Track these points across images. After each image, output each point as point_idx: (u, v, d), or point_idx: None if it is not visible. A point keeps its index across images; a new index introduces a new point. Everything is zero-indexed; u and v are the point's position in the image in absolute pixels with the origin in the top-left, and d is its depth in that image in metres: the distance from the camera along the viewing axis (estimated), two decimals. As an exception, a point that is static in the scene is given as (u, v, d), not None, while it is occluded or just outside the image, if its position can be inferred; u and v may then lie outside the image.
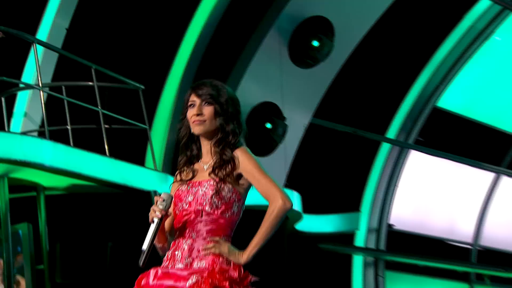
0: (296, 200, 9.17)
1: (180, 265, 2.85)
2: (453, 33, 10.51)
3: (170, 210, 2.92)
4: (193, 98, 2.91)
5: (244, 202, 2.94)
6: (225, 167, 2.87)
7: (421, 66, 10.67)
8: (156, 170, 8.00)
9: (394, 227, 10.89)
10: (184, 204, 2.90)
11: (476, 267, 11.80)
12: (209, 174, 2.92)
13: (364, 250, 10.58)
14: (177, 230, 2.97)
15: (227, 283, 2.74)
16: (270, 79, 9.50)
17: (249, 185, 2.92)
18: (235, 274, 2.79)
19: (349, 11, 9.81)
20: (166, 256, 2.91)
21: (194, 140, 2.97)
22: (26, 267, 7.28)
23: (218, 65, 9.53)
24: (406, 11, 10.24)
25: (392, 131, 10.79)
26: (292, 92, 9.62)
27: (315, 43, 9.21)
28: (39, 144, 6.81)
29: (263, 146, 9.30)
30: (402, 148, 10.89)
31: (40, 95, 7.29)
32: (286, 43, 9.39)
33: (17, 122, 8.46)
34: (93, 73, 7.65)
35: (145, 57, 9.27)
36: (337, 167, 10.62)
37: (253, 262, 7.19)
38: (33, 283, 7.26)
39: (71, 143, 7.37)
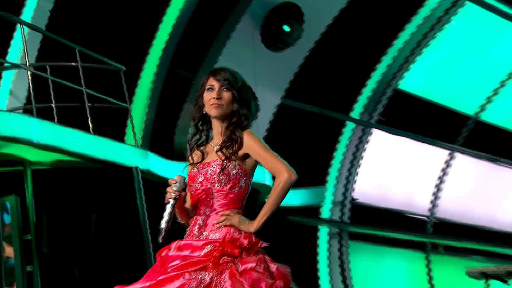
0: (267, 176, 9.19)
1: (198, 238, 2.96)
2: (413, 20, 10.54)
3: (184, 192, 3.05)
4: (212, 82, 2.99)
5: (251, 177, 3.04)
6: (232, 145, 2.96)
7: (383, 51, 10.70)
8: (136, 147, 7.98)
9: (357, 201, 10.96)
10: (196, 185, 3.00)
11: (431, 237, 11.88)
12: (216, 152, 3.02)
13: (329, 222, 10.64)
14: (193, 208, 3.06)
15: (237, 251, 2.85)
16: (244, 62, 9.42)
17: (255, 163, 3.03)
18: (245, 241, 2.89)
19: (318, -2, 9.87)
20: (187, 232, 3.05)
21: (206, 121, 3.07)
22: (14, 237, 7.22)
23: (194, 48, 9.46)
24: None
25: (356, 111, 10.85)
26: (264, 74, 9.56)
27: (286, 28, 9.22)
28: (27, 121, 6.76)
29: None
30: (365, 127, 10.95)
31: (27, 74, 7.20)
32: (258, 27, 9.38)
33: (3, 100, 8.38)
34: (77, 54, 7.59)
35: (125, 39, 9.20)
36: (305, 145, 10.64)
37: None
38: (21, 252, 7.20)
39: (56, 121, 7.31)
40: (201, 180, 3.00)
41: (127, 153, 7.71)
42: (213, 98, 2.98)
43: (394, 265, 11.58)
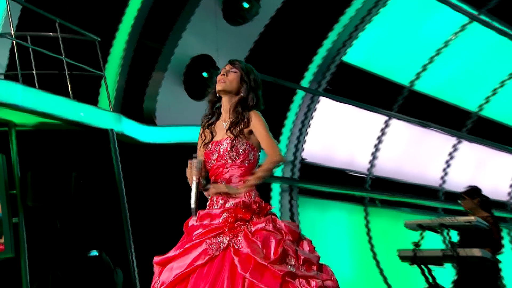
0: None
1: (216, 207, 3.13)
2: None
3: (203, 171, 3.24)
4: (227, 67, 3.25)
5: (259, 151, 3.23)
6: (239, 124, 3.14)
7: (330, 27, 10.72)
8: (111, 111, 7.94)
9: (306, 160, 11.02)
10: (212, 161, 3.19)
11: (369, 192, 11.99)
12: (226, 131, 3.19)
13: (281, 179, 10.67)
14: (212, 181, 3.23)
15: (249, 215, 3.01)
16: (207, 35, 9.45)
17: (268, 138, 3.20)
18: (255, 206, 3.05)
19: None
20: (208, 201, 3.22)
21: (217, 100, 3.27)
22: (0, 192, 7.13)
23: (162, 21, 9.35)
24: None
25: (305, 81, 10.88)
26: (225, 46, 9.60)
27: (245, 5, 9.20)
28: (13, 87, 6.67)
29: (199, 91, 9.28)
30: (313, 95, 10.99)
31: (13, 43, 7.04)
32: (220, 4, 9.37)
33: (-15, 67, 8.26)
34: (57, 26, 7.49)
35: (99, 13, 9.03)
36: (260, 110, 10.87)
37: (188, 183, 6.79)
38: (7, 205, 7.18)
39: (36, 87, 7.22)
40: (215, 157, 3.17)
41: (103, 117, 7.67)
42: (220, 75, 3.21)
43: (337, 216, 11.62)
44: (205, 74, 9.21)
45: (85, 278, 7.56)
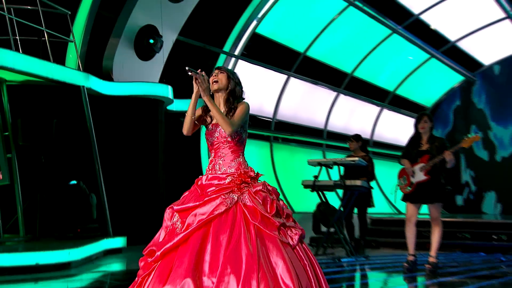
0: (169, 90, 9.29)
1: (219, 172, 3.07)
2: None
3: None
4: (215, 72, 3.22)
5: (246, 130, 3.19)
6: (231, 112, 3.14)
7: (246, 4, 10.77)
8: (82, 71, 7.97)
9: None
10: (213, 138, 3.13)
11: (273, 132, 12.19)
12: None
13: None
14: (213, 152, 3.14)
15: (249, 179, 3.02)
16: (153, 9, 9.39)
17: (246, 121, 3.17)
18: (252, 173, 3.07)
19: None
20: (208, 168, 3.15)
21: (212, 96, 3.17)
22: None
23: None
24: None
25: (227, 47, 10.95)
26: (167, 19, 9.60)
27: None
28: (4, 53, 6.67)
29: (147, 54, 9.37)
30: (232, 57, 11.05)
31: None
32: (164, -15, 9.28)
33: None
34: (38, 1, 7.40)
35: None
36: (193, 69, 10.98)
37: (140, 125, 7.71)
38: (2, 144, 7.30)
39: (20, 51, 7.11)
40: (217, 136, 3.12)
41: (76, 76, 7.73)
42: (212, 78, 3.19)
43: (250, 150, 11.29)
44: (151, 41, 9.23)
45: (67, 201, 7.78)
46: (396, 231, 9.31)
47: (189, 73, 3.03)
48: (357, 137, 7.86)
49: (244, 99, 3.27)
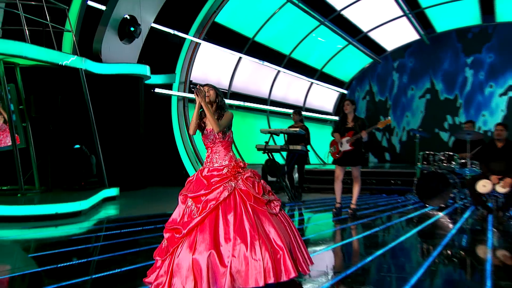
0: (147, 69, 9.36)
1: (216, 164, 3.04)
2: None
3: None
4: (206, 88, 3.12)
5: (231, 131, 3.14)
6: (220, 118, 3.09)
7: None
8: (79, 56, 7.89)
9: (192, 82, 10.91)
10: (209, 140, 3.08)
11: (229, 99, 11.80)
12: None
13: (177, 93, 10.64)
14: (209, 150, 3.09)
15: (240, 169, 3.02)
16: (133, 2, 9.37)
17: (231, 124, 3.16)
18: (242, 164, 3.06)
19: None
20: (206, 161, 3.08)
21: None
22: (14, 107, 7.35)
23: None
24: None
25: (191, 32, 10.83)
26: (144, 11, 9.61)
27: None
28: (18, 44, 6.68)
29: (128, 39, 9.41)
30: (197, 43, 10.88)
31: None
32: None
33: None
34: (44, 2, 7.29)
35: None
36: (165, 50, 10.69)
37: (126, 97, 8.69)
38: (20, 115, 7.41)
39: (28, 40, 6.99)
40: (211, 138, 3.08)
41: (75, 61, 7.69)
42: (205, 93, 3.08)
43: None
44: (131, 28, 9.25)
45: (73, 161, 7.98)
46: (323, 179, 9.81)
47: (192, 89, 3.08)
48: (298, 112, 7.94)
49: (228, 108, 3.23)
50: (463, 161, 7.07)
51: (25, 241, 4.83)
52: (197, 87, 3.04)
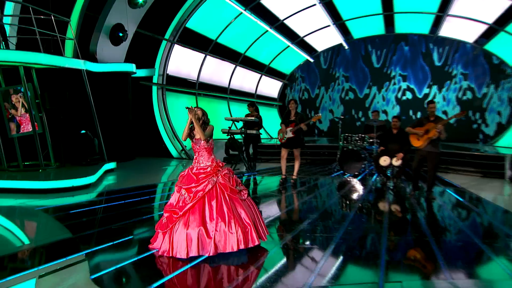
0: (133, 66, 9.35)
1: (202, 164, 3.08)
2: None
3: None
4: (196, 108, 3.14)
5: (213, 139, 3.14)
6: (204, 130, 3.14)
7: (180, 6, 10.47)
8: (80, 59, 7.93)
9: (169, 74, 10.80)
10: (197, 146, 3.11)
11: (197, 90, 11.77)
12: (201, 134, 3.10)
13: (157, 84, 10.49)
14: (197, 153, 3.11)
15: (219, 168, 3.07)
16: (122, 12, 9.29)
17: (212, 134, 3.15)
18: (221, 164, 3.12)
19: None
20: (194, 161, 3.11)
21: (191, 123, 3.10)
22: (32, 101, 7.31)
23: (99, 2, 8.88)
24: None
25: (167, 35, 10.64)
26: (130, 19, 9.53)
27: (140, 1, 9.03)
28: (34, 54, 6.72)
29: (117, 42, 9.38)
30: (172, 43, 10.68)
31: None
32: (128, -1, 8.99)
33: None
34: (52, 20, 7.19)
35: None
36: (146, 49, 10.53)
37: (117, 90, 8.73)
38: (36, 107, 7.35)
39: (42, 50, 7.00)
40: (199, 145, 3.11)
41: (78, 63, 7.73)
42: (195, 111, 3.09)
43: (183, 101, 11.32)
44: (120, 34, 9.22)
45: (80, 143, 8.07)
46: (271, 151, 10.00)
47: (187, 109, 3.16)
48: (252, 104, 7.95)
49: (210, 122, 3.24)
50: (371, 140, 7.46)
51: (58, 207, 4.95)
52: (190, 107, 3.14)
